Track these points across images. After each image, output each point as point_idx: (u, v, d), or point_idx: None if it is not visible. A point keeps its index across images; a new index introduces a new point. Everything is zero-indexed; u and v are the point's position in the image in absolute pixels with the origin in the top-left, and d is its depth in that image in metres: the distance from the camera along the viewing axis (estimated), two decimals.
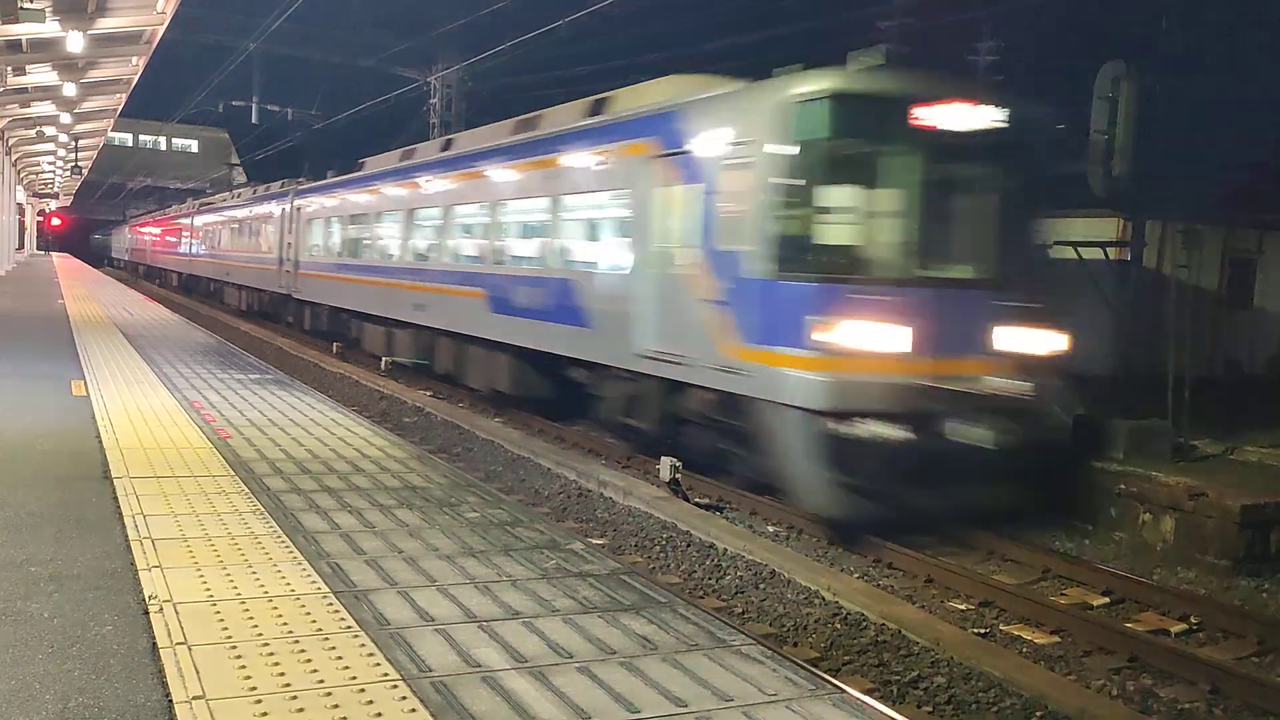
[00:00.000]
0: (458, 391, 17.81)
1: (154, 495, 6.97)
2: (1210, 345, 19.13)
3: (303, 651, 4.39)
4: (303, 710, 3.85)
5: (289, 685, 4.05)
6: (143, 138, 77.46)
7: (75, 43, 17.77)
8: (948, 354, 9.58)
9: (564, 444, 13.90)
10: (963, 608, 8.40)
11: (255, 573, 5.43)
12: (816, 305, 9.30)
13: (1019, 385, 9.75)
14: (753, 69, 11.40)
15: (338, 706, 3.89)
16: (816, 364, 9.23)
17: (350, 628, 4.70)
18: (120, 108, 30.45)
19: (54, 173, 52.28)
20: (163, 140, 78.48)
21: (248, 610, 4.85)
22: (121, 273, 64.01)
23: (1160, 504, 10.29)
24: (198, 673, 4.12)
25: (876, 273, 9.64)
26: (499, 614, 5.00)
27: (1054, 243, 13.08)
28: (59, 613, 4.77)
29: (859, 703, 4.23)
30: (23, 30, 17.24)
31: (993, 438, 9.44)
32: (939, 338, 9.53)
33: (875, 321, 9.28)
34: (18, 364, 13.38)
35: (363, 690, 4.04)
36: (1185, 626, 8.24)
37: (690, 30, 27.62)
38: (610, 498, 10.99)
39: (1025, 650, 7.57)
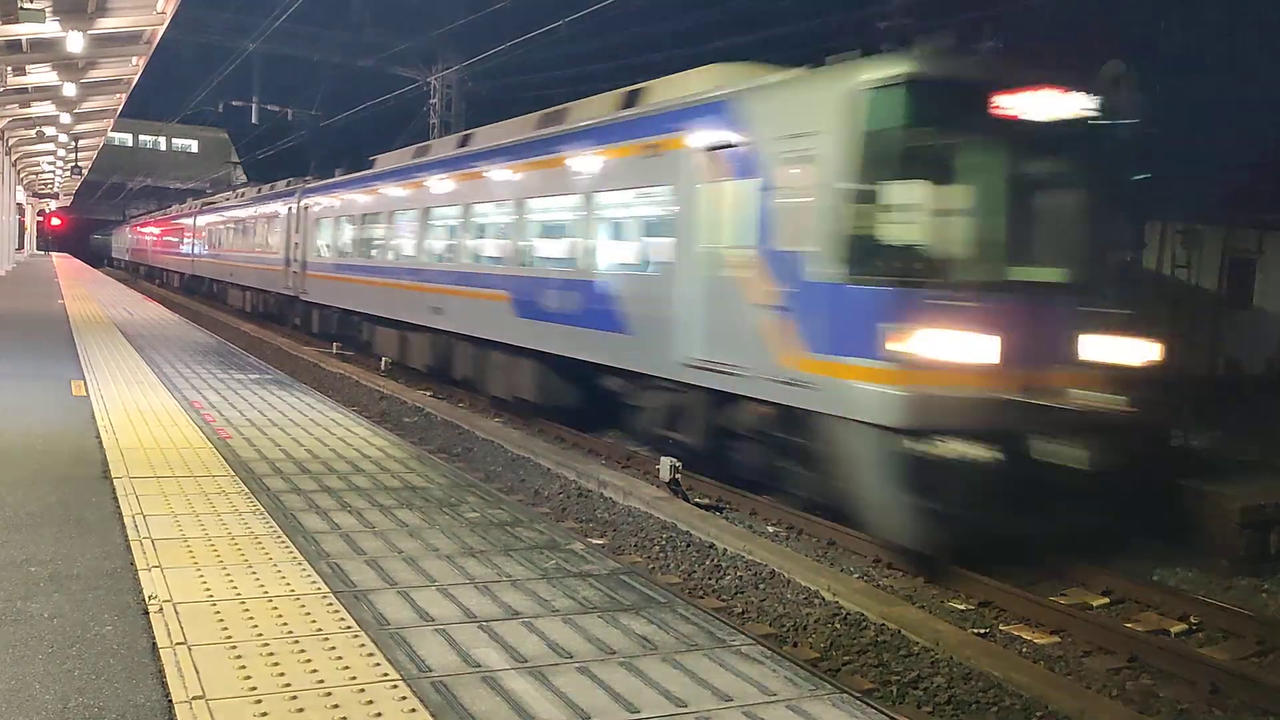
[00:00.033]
0: (458, 392, 17.77)
1: (154, 495, 6.98)
2: (1210, 345, 19.13)
3: (302, 651, 4.39)
4: (302, 710, 3.85)
5: (289, 685, 4.05)
6: (143, 138, 77.60)
7: (75, 43, 17.80)
8: (1036, 365, 8.79)
9: (564, 444, 13.90)
10: (963, 608, 8.39)
11: (255, 573, 5.43)
12: (893, 311, 8.48)
13: (1112, 400, 8.95)
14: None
15: (337, 706, 3.90)
16: (893, 376, 8.40)
17: (350, 628, 4.70)
18: (120, 108, 30.48)
19: (54, 173, 52.31)
20: (163, 140, 78.57)
21: (247, 610, 4.86)
22: (121, 273, 63.97)
23: None
24: (197, 673, 4.12)
25: (959, 276, 8.80)
26: (499, 614, 5.01)
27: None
28: (59, 613, 4.77)
29: (859, 703, 4.23)
30: (23, 30, 17.25)
31: (1085, 458, 8.65)
32: (1026, 347, 8.74)
33: (958, 330, 8.46)
34: (17, 364, 13.38)
35: (363, 690, 4.05)
36: (1185, 626, 8.24)
37: (691, 30, 27.62)
38: (610, 498, 10.99)
39: (1025, 650, 7.57)
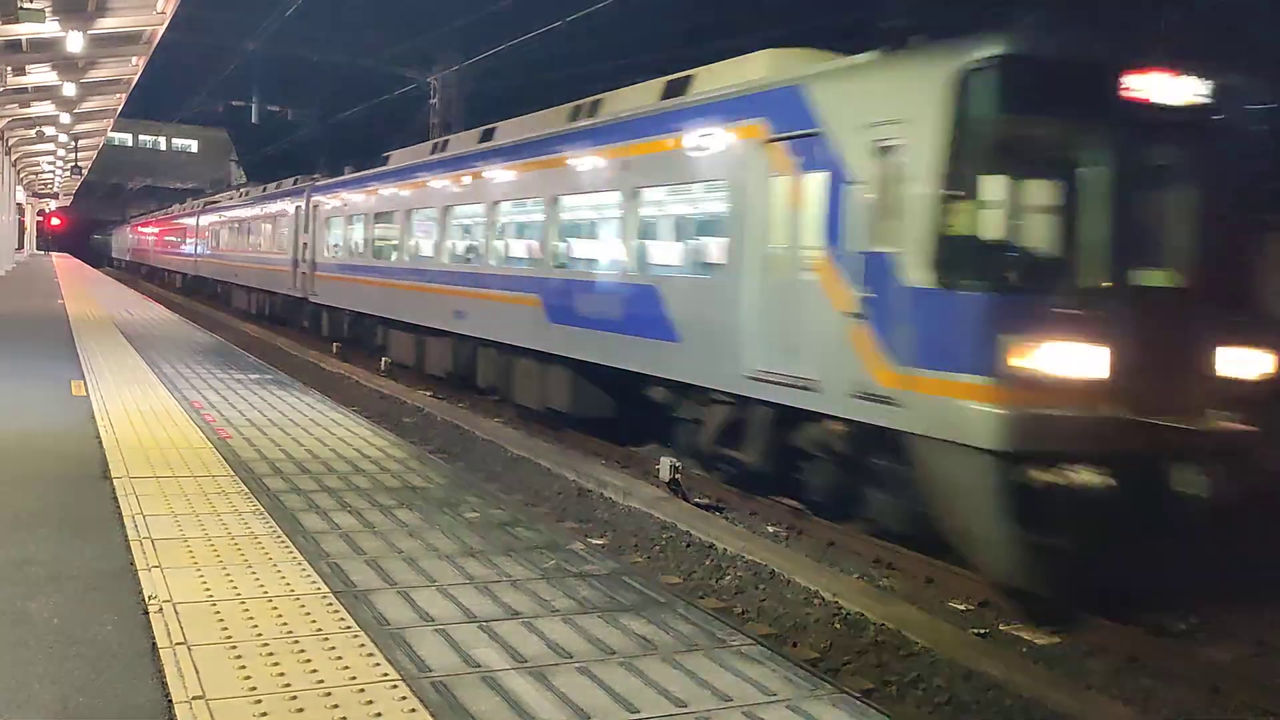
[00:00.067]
0: (458, 392, 17.74)
1: (153, 495, 6.98)
2: None
3: (302, 651, 4.39)
4: (302, 710, 3.85)
5: (289, 685, 4.05)
6: (143, 138, 77.74)
7: (75, 43, 17.84)
8: (1167, 382, 7.89)
9: (564, 444, 13.90)
10: (963, 608, 8.38)
11: (255, 573, 5.43)
12: (1005, 321, 7.60)
13: (1243, 420, 8.04)
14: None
15: (337, 707, 3.90)
16: (1005, 395, 7.49)
17: (350, 628, 4.70)
18: (120, 108, 30.53)
19: (54, 173, 52.36)
20: (163, 140, 78.74)
21: (247, 610, 4.86)
22: (122, 273, 63.94)
23: None
24: (197, 673, 4.12)
25: (1078, 281, 7.95)
26: (499, 614, 5.01)
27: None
28: (59, 613, 4.77)
29: (858, 703, 4.23)
30: (23, 30, 17.28)
31: (1210, 485, 7.75)
32: (1157, 362, 7.84)
33: (1078, 342, 7.60)
34: (17, 364, 13.39)
35: (362, 690, 4.05)
36: (1185, 627, 8.23)
37: (691, 30, 27.66)
38: (610, 498, 10.99)
39: (1025, 650, 7.57)
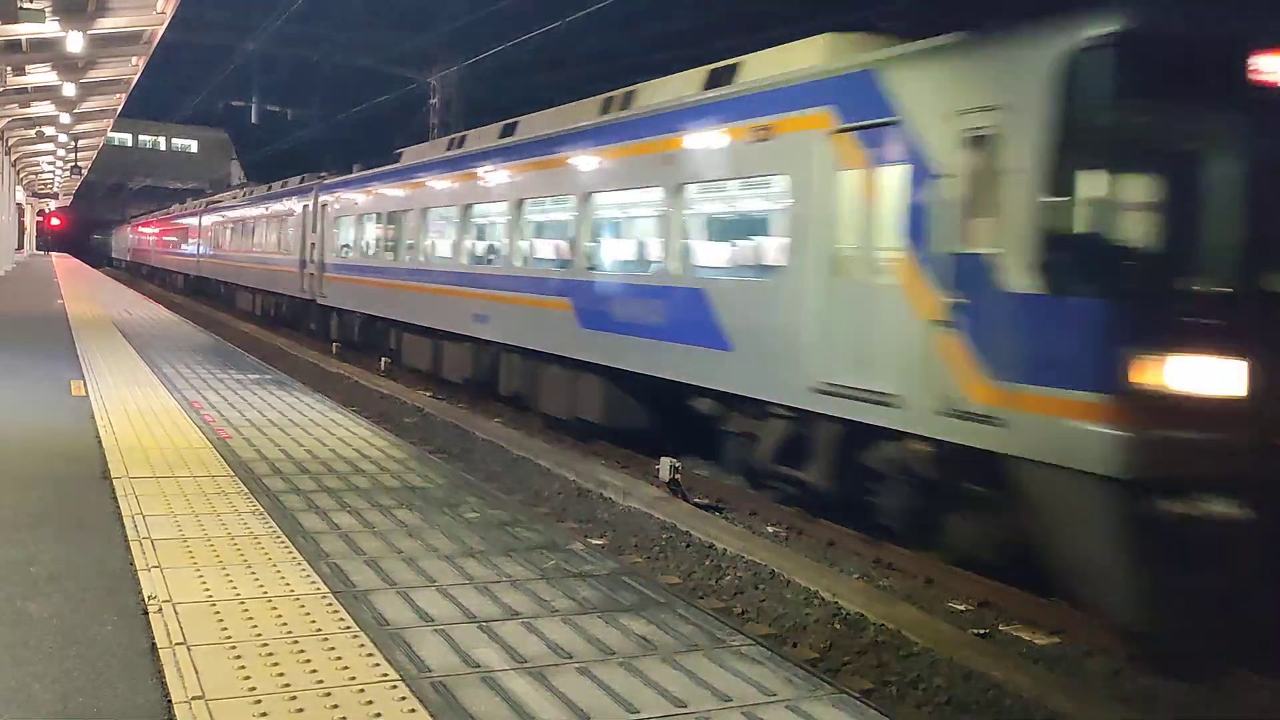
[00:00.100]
0: (458, 392, 17.75)
1: (153, 495, 6.98)
2: None
3: (302, 652, 4.39)
4: (302, 710, 3.85)
5: (288, 685, 4.05)
6: (143, 138, 77.82)
7: (75, 43, 17.83)
8: None
9: (563, 444, 13.90)
10: (962, 608, 8.38)
11: (254, 573, 5.43)
12: (1127, 331, 6.78)
13: None
14: None
15: (337, 707, 3.89)
16: (1127, 415, 6.65)
17: (350, 628, 4.70)
18: (120, 108, 30.52)
19: (54, 173, 52.34)
20: (163, 140, 78.83)
21: (247, 610, 4.86)
22: (122, 273, 63.95)
23: None
24: (197, 673, 4.12)
25: (1209, 286, 7.18)
26: (498, 614, 5.01)
27: None
28: (59, 613, 4.77)
29: (858, 703, 4.23)
30: (23, 30, 17.27)
31: None
32: None
33: (1212, 355, 6.78)
34: (17, 364, 13.38)
35: (362, 690, 4.05)
36: None
37: (690, 31, 27.66)
38: (610, 498, 10.99)
39: (1025, 650, 7.57)
